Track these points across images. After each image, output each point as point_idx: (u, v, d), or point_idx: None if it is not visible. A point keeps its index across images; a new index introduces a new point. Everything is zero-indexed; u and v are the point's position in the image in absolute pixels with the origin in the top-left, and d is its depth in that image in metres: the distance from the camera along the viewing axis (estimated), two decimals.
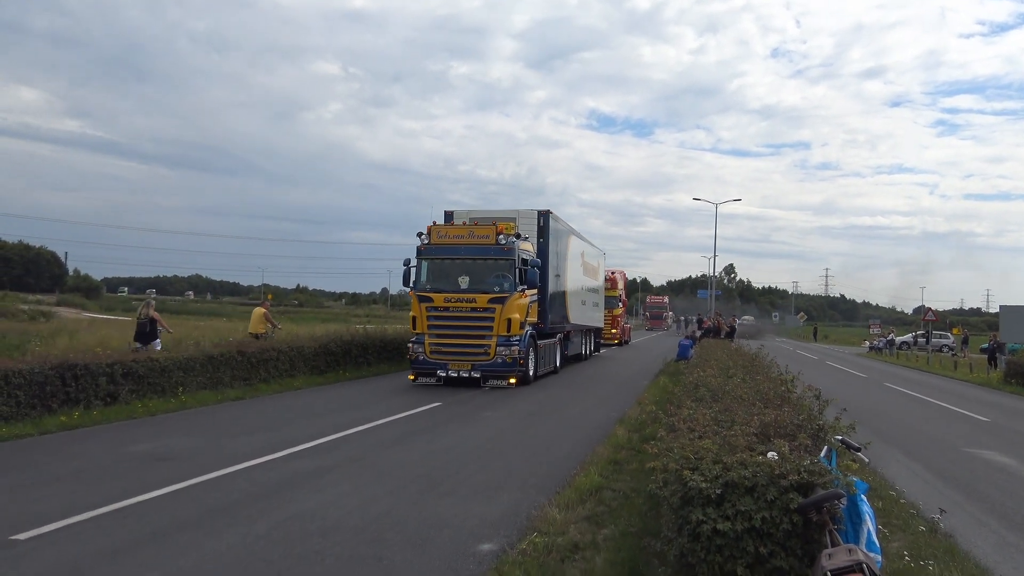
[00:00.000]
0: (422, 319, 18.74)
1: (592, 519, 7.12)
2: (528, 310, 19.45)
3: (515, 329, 18.42)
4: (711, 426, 5.73)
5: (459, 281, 18.69)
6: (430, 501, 7.75)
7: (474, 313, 18.45)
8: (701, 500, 4.41)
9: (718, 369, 10.45)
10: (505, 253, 18.67)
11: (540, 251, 21.71)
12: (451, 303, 18.53)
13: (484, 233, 18.94)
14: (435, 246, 19.08)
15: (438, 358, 18.58)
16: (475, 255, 18.88)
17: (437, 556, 6.09)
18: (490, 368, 18.39)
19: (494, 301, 18.32)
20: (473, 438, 11.45)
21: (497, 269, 18.74)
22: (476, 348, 18.43)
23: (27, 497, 7.61)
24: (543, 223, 22.14)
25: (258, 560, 5.90)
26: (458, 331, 18.51)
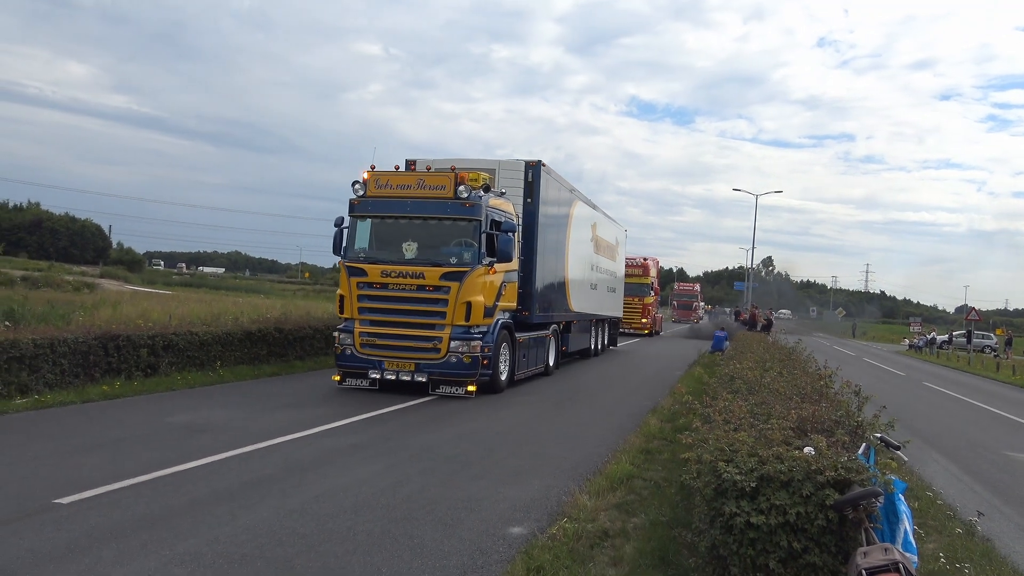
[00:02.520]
0: (352, 299, 13.94)
1: (623, 507, 7.10)
2: (500, 292, 14.51)
3: (477, 317, 13.63)
4: (747, 419, 5.68)
5: (403, 249, 13.96)
6: (461, 483, 7.79)
7: (421, 293, 13.63)
8: (735, 492, 4.37)
9: (754, 362, 10.34)
10: (467, 211, 13.74)
11: (527, 215, 16.54)
12: (391, 278, 13.72)
13: (438, 183, 13.97)
14: (373, 200, 14.19)
15: (371, 353, 13.72)
16: (426, 213, 13.97)
17: (467, 537, 6.13)
18: (441, 370, 13.54)
19: (449, 277, 13.52)
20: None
21: (456, 233, 14.03)
22: (422, 341, 13.56)
23: (70, 463, 7.80)
24: (532, 178, 16.70)
25: (291, 534, 5.98)
26: (399, 317, 13.78)
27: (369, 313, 13.90)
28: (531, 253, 16.66)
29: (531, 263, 16.64)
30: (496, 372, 14.29)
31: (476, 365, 13.58)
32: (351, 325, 13.93)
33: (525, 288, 16.37)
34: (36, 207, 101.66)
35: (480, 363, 13.62)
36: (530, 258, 16.65)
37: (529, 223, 16.64)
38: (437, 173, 14.42)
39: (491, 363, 13.97)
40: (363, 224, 14.40)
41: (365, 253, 14.24)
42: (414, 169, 15.36)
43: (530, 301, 16.51)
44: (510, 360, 15.16)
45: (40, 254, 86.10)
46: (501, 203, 14.91)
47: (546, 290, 17.71)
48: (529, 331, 16.55)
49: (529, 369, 16.64)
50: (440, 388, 13.69)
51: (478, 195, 13.94)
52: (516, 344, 15.36)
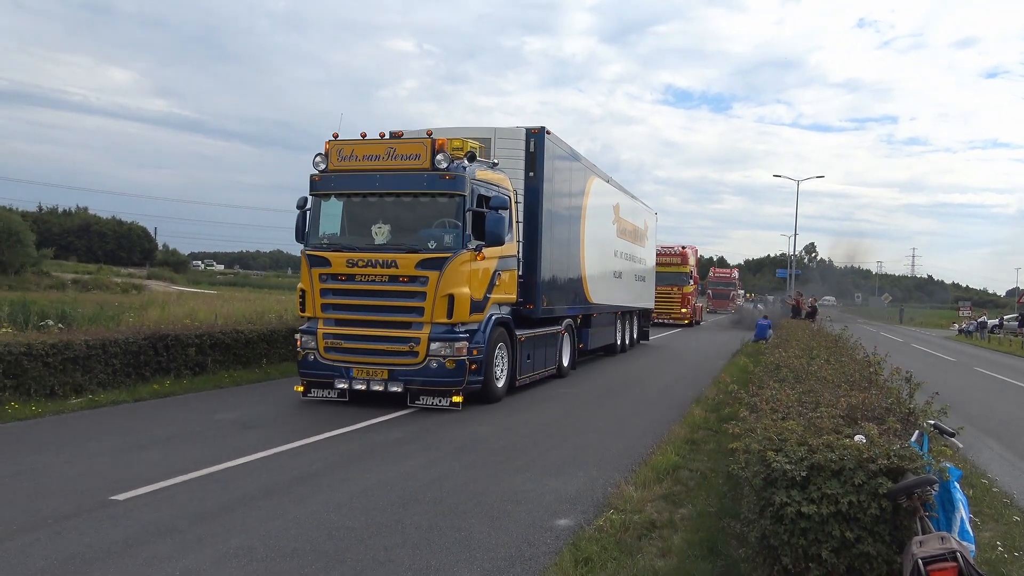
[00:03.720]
0: (314, 295, 11.81)
1: (669, 498, 7.07)
2: (492, 282, 12.26)
3: (462, 312, 11.38)
4: (795, 407, 5.60)
5: (373, 232, 11.79)
6: (506, 475, 7.82)
7: (394, 286, 11.38)
8: (785, 482, 4.31)
9: (800, 350, 10.19)
10: (447, 184, 11.46)
11: (530, 192, 14.17)
12: (358, 268, 11.48)
13: (412, 151, 11.64)
14: (335, 175, 11.99)
15: (336, 359, 11.59)
16: (397, 188, 11.69)
17: (514, 529, 6.15)
18: (419, 377, 11.29)
19: (426, 265, 11.25)
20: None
21: (435, 212, 11.78)
22: (396, 343, 11.38)
23: (125, 460, 8.00)
24: (535, 148, 14.21)
25: (341, 527, 6.06)
26: (368, 315, 11.59)
27: (334, 311, 11.76)
28: (535, 236, 14.20)
29: (535, 248, 14.20)
30: (490, 378, 12.04)
31: (462, 371, 11.34)
32: (314, 325, 11.83)
33: (528, 277, 14.02)
34: (84, 211, 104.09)
35: (467, 368, 11.40)
36: (534, 242, 14.18)
37: (532, 201, 14.19)
38: (410, 140, 11.81)
39: (482, 367, 11.73)
40: (327, 205, 12.18)
41: (329, 239, 12.07)
42: (383, 136, 12.09)
43: (534, 292, 14.15)
44: (509, 362, 12.93)
45: (89, 257, 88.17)
46: (491, 175, 12.57)
47: (556, 279, 15.44)
48: (534, 327, 14.27)
49: (535, 372, 14.33)
50: (420, 399, 11.41)
51: (461, 165, 11.66)
52: (516, 343, 13.12)
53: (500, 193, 12.50)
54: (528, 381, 13.96)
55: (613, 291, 20.59)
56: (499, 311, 12.62)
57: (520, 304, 13.79)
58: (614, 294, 20.73)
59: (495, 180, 12.67)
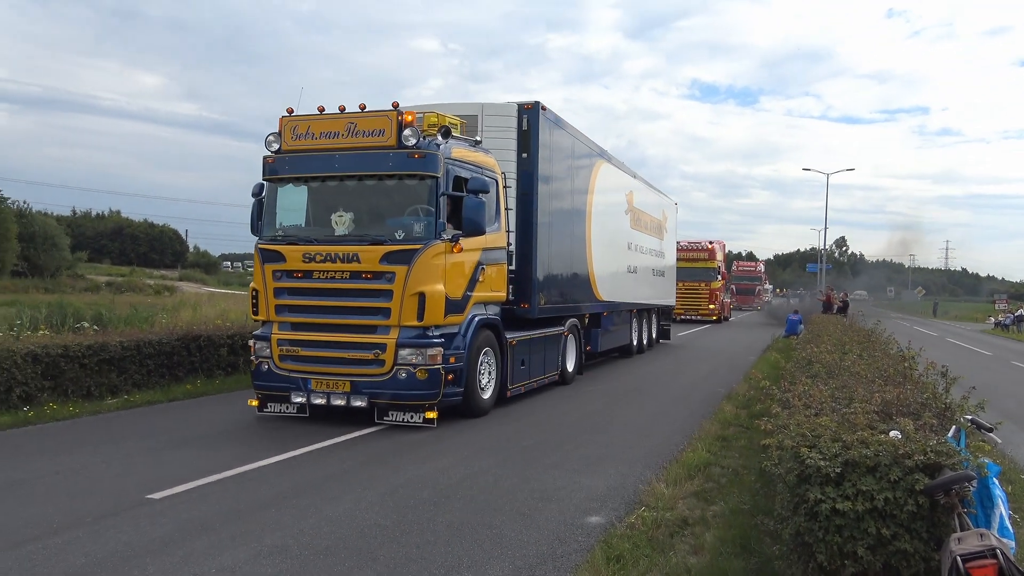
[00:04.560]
0: (267, 295, 10.38)
1: (701, 495, 7.04)
2: (475, 277, 10.67)
3: (435, 313, 9.83)
4: (828, 403, 5.54)
5: (332, 222, 10.35)
6: (536, 473, 7.83)
7: (356, 283, 9.93)
8: (819, 479, 4.27)
9: (832, 345, 10.08)
10: (416, 164, 9.91)
11: (523, 176, 12.65)
12: (315, 264, 10.03)
13: (375, 127, 10.05)
14: (290, 156, 10.46)
15: (292, 369, 10.15)
16: (359, 169, 10.18)
17: (545, 527, 6.15)
18: (386, 390, 9.81)
19: (393, 259, 9.75)
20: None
21: (404, 197, 10.26)
22: (360, 351, 9.89)
23: (159, 459, 8.12)
24: (528, 126, 12.66)
25: (373, 525, 6.11)
26: (327, 317, 10.14)
27: (289, 313, 10.32)
28: (530, 226, 12.63)
29: (530, 239, 12.62)
30: (472, 388, 10.54)
31: (437, 382, 9.78)
32: (269, 330, 10.40)
33: (522, 273, 12.51)
34: (117, 215, 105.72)
35: (443, 378, 9.83)
36: (528, 233, 12.62)
37: (526, 186, 12.64)
38: (373, 114, 10.12)
39: (462, 377, 10.22)
40: (284, 191, 10.76)
41: (284, 231, 10.66)
42: (343, 111, 10.35)
43: (529, 289, 12.61)
44: (498, 370, 11.37)
45: (122, 260, 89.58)
46: (472, 155, 10.94)
47: (556, 275, 13.89)
48: (530, 329, 12.73)
49: (532, 379, 12.72)
50: (389, 415, 9.89)
51: (433, 142, 10.05)
52: (507, 348, 11.54)
53: (481, 175, 10.82)
54: (523, 390, 12.35)
55: (627, 287, 19.05)
56: (484, 311, 11.05)
57: (513, 303, 12.26)
58: (628, 291, 19.15)
59: (476, 160, 11.02)
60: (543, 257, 13.04)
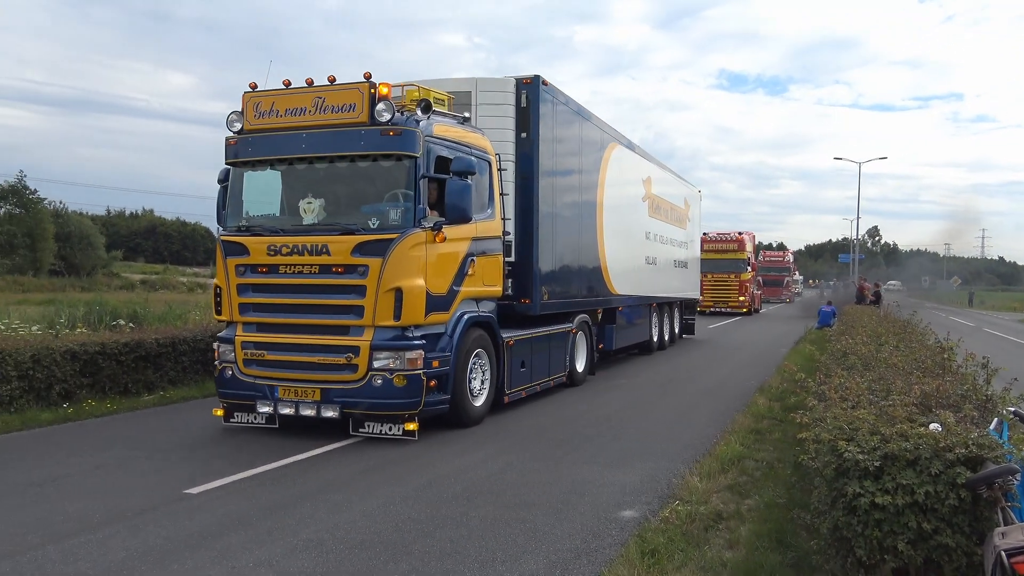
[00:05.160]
0: (230, 292, 9.42)
1: (735, 488, 6.99)
2: (462, 270, 9.61)
3: (414, 311, 8.79)
4: (865, 395, 5.46)
5: (300, 209, 9.30)
6: (567, 467, 7.82)
7: (325, 278, 8.92)
8: (858, 472, 4.21)
9: (867, 336, 9.94)
10: (392, 143, 8.86)
11: (523, 159, 11.60)
12: (281, 256, 9.05)
13: (345, 101, 9.00)
14: (253, 136, 9.44)
15: (258, 375, 9.19)
16: (328, 150, 9.13)
17: (579, 521, 6.14)
18: (360, 399, 8.76)
19: (366, 251, 8.73)
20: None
21: (379, 181, 9.29)
22: (329, 354, 8.90)
23: (196, 454, 8.23)
24: (528, 103, 11.60)
25: (406, 519, 6.14)
26: (294, 317, 9.15)
27: (254, 312, 9.31)
28: (530, 213, 11.58)
29: (530, 228, 11.57)
30: (461, 395, 9.49)
31: (417, 389, 8.69)
32: (233, 331, 9.45)
33: (522, 264, 11.49)
34: (150, 213, 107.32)
35: (425, 385, 8.75)
36: (528, 221, 11.57)
37: (526, 169, 11.60)
38: (343, 87, 9.06)
39: (447, 383, 9.17)
40: (250, 176, 9.67)
41: (249, 221, 9.63)
42: (311, 84, 9.23)
43: (530, 284, 11.55)
44: (494, 373, 10.33)
45: (155, 258, 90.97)
46: (458, 132, 9.83)
47: (562, 267, 12.82)
48: (531, 327, 11.75)
49: (534, 382, 11.69)
50: (364, 427, 8.87)
51: (412, 118, 8.98)
52: (503, 349, 10.51)
53: (467, 155, 9.62)
54: (523, 395, 11.32)
55: (645, 280, 17.86)
56: (475, 308, 9.92)
57: (512, 299, 11.33)
58: (646, 283, 17.99)
59: (464, 139, 9.90)
60: (546, 248, 11.98)
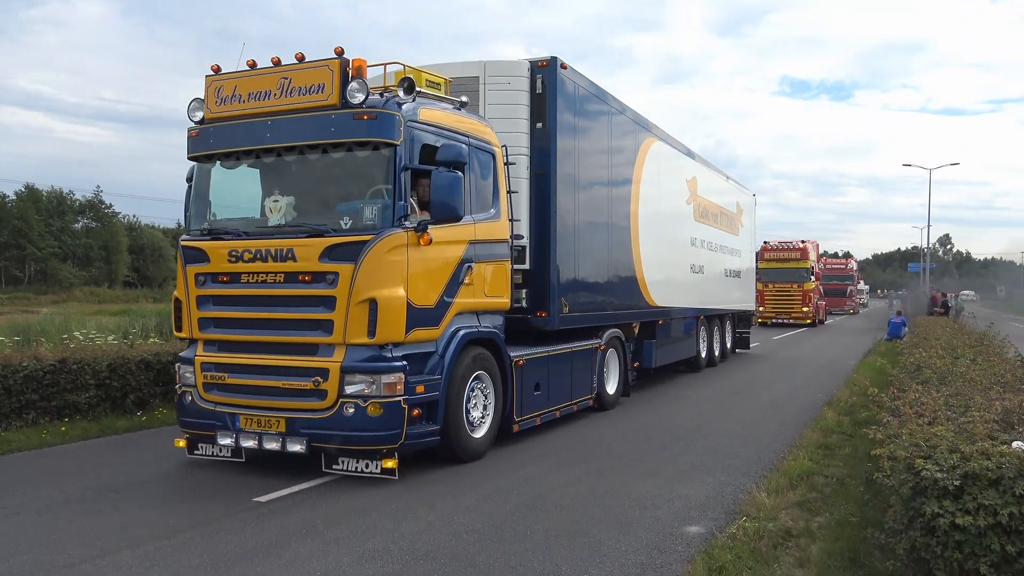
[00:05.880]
0: (189, 305, 8.26)
1: (804, 505, 6.82)
2: (458, 277, 8.31)
3: (391, 326, 7.51)
4: (942, 411, 5.29)
5: (266, 209, 8.20)
6: (630, 481, 7.75)
7: (291, 288, 7.73)
8: (936, 492, 4.08)
9: (942, 349, 9.62)
10: (366, 128, 7.64)
11: (538, 153, 10.21)
12: (243, 263, 7.88)
13: (313, 81, 7.79)
14: (215, 126, 8.30)
15: (218, 401, 8.01)
16: (294, 139, 7.90)
17: (643, 536, 6.07)
18: (330, 431, 7.51)
19: (336, 255, 7.53)
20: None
21: (356, 173, 8.06)
22: (295, 378, 7.70)
23: (263, 463, 8.38)
24: (544, 89, 10.20)
25: (469, 531, 6.16)
26: (257, 334, 7.95)
27: (214, 328, 8.14)
28: (546, 214, 10.18)
29: (547, 231, 10.17)
30: (456, 426, 8.16)
31: (396, 419, 7.42)
32: (193, 352, 8.29)
33: (538, 272, 10.14)
34: None
35: (406, 414, 7.47)
36: (545, 222, 10.18)
37: (542, 164, 10.20)
38: (311, 65, 7.82)
39: (437, 411, 7.91)
40: (217, 172, 8.53)
41: (212, 223, 8.48)
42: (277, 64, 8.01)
43: (547, 294, 10.17)
44: (500, 399, 8.98)
45: None
46: (450, 117, 8.50)
47: (587, 275, 11.36)
48: (550, 344, 10.38)
49: (552, 406, 10.25)
50: (338, 463, 7.60)
51: (392, 99, 7.73)
52: (511, 370, 9.13)
53: (456, 143, 8.22)
54: (538, 422, 9.88)
55: (690, 290, 16.31)
56: (475, 323, 8.59)
57: (526, 312, 10.02)
58: (691, 294, 16.43)
59: (459, 125, 8.57)
60: (566, 254, 10.61)
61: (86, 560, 5.51)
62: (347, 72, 7.64)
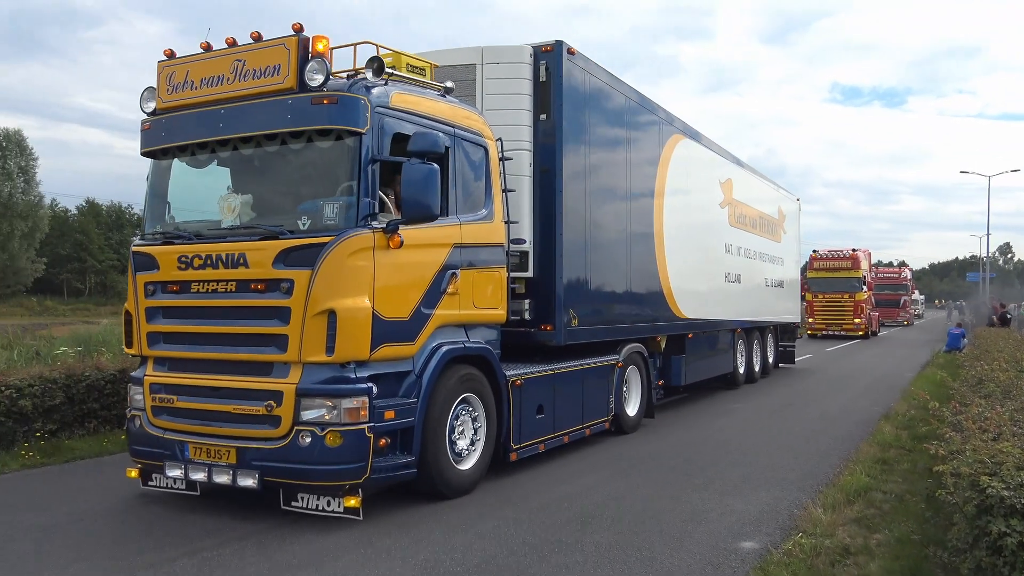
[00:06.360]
0: (139, 318, 7.35)
1: (862, 522, 6.66)
2: (439, 286, 7.34)
3: (353, 342, 6.49)
4: (1007, 426, 5.15)
5: (220, 208, 7.29)
6: (683, 494, 7.67)
7: (243, 298, 6.77)
8: (1003, 510, 3.96)
9: (1006, 362, 9.34)
10: (326, 114, 6.64)
11: (542, 150, 9.18)
12: (193, 271, 6.98)
13: (268, 63, 6.84)
14: (167, 117, 7.43)
15: (167, 427, 7.04)
16: (249, 128, 6.97)
17: (696, 551, 6.01)
18: (283, 464, 6.47)
19: (292, 260, 6.56)
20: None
21: (318, 167, 7.08)
22: (244, 401, 6.72)
23: None
24: (548, 76, 9.21)
25: (521, 543, 6.16)
26: (205, 351, 7.04)
27: (164, 344, 7.20)
28: (551, 215, 9.16)
29: (552, 234, 9.16)
30: (436, 457, 7.14)
31: (359, 450, 6.42)
32: (142, 373, 7.38)
33: (542, 281, 9.11)
34: None
35: (372, 444, 6.46)
36: (550, 225, 9.17)
37: (547, 160, 9.18)
38: (267, 44, 6.89)
39: (410, 440, 6.88)
40: (178, 169, 7.62)
41: (164, 225, 7.58)
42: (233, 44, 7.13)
43: (552, 305, 9.13)
44: (493, 424, 7.95)
45: None
46: (429, 104, 7.46)
47: (600, 284, 10.28)
48: (557, 361, 9.30)
49: (558, 432, 9.13)
50: (298, 500, 6.59)
51: (358, 83, 6.76)
52: (507, 392, 8.08)
53: (432, 131, 7.01)
54: (541, 448, 8.81)
55: (724, 301, 15.07)
56: (462, 338, 7.61)
57: (530, 325, 9.07)
58: (726, 305, 15.16)
59: (441, 113, 7.54)
60: (574, 260, 9.54)
61: (141, 568, 5.65)
62: (307, 52, 6.69)
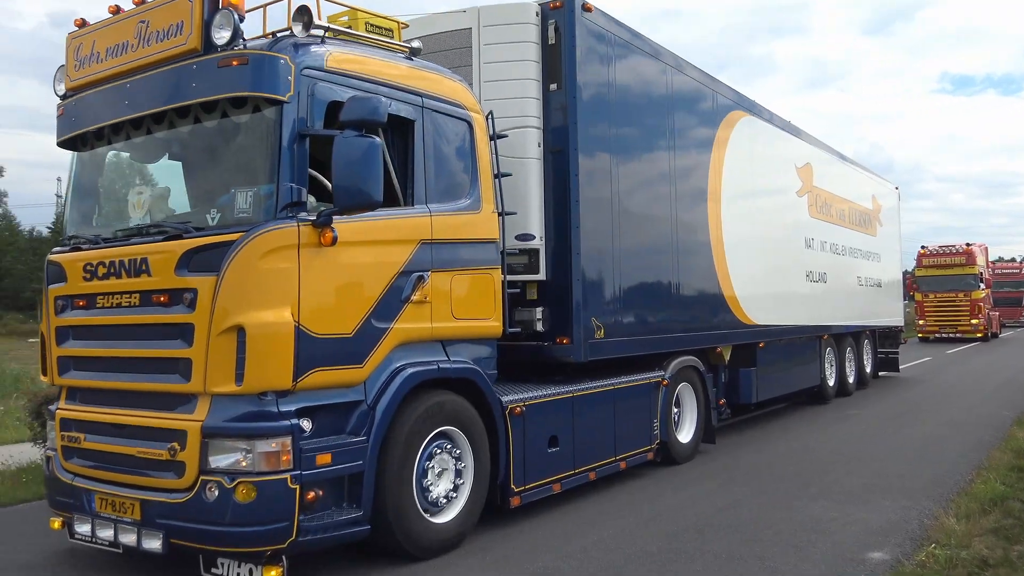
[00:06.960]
0: (50, 340, 5.99)
1: (1000, 532, 6.29)
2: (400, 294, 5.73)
3: (272, 367, 4.99)
4: None
5: (131, 206, 6.01)
6: (801, 503, 7.43)
7: (144, 314, 5.33)
8: None
9: None
10: (234, 78, 5.15)
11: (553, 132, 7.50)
12: (98, 281, 5.59)
13: (171, 22, 5.37)
14: (77, 98, 6.08)
15: (77, 471, 5.67)
16: (151, 105, 5.53)
17: (821, 562, 5.80)
18: (189, 523, 4.97)
19: (196, 264, 5.10)
20: None
21: (241, 146, 5.53)
22: (146, 442, 5.25)
23: None
24: (557, 39, 7.44)
25: (639, 552, 6.08)
26: (111, 378, 5.65)
27: (73, 371, 5.96)
28: (564, 204, 7.51)
29: (566, 227, 7.50)
30: (398, 511, 5.61)
31: (280, 507, 4.93)
32: (59, 403, 6.21)
33: (557, 284, 7.50)
34: None
35: (297, 499, 4.97)
36: (563, 214, 7.52)
37: (558, 139, 7.54)
38: (168, 4, 5.52)
39: (356, 491, 5.36)
40: (90, 160, 6.41)
41: (75, 225, 6.41)
42: (140, 3, 5.75)
43: (568, 313, 7.47)
44: (484, 463, 6.35)
45: None
46: (376, 64, 5.92)
47: (635, 286, 8.52)
48: (580, 382, 7.67)
49: (580, 466, 7.50)
50: (217, 566, 5.14)
51: (281, 41, 5.41)
52: (503, 423, 6.48)
53: (372, 97, 5.36)
54: (556, 489, 7.21)
55: (805, 303, 13.05)
56: (438, 356, 6.10)
57: (543, 338, 7.46)
58: (808, 308, 13.11)
59: (402, 78, 6.07)
60: (596, 257, 7.83)
61: None
62: (216, 5, 5.31)
